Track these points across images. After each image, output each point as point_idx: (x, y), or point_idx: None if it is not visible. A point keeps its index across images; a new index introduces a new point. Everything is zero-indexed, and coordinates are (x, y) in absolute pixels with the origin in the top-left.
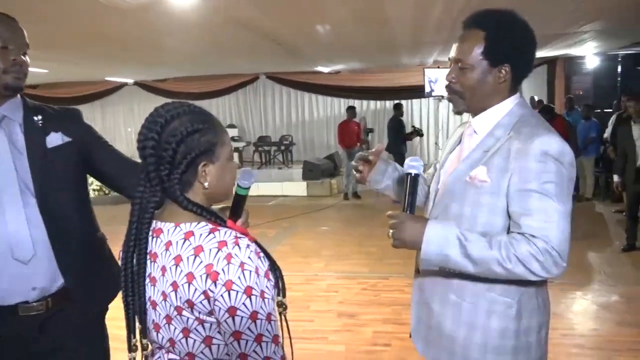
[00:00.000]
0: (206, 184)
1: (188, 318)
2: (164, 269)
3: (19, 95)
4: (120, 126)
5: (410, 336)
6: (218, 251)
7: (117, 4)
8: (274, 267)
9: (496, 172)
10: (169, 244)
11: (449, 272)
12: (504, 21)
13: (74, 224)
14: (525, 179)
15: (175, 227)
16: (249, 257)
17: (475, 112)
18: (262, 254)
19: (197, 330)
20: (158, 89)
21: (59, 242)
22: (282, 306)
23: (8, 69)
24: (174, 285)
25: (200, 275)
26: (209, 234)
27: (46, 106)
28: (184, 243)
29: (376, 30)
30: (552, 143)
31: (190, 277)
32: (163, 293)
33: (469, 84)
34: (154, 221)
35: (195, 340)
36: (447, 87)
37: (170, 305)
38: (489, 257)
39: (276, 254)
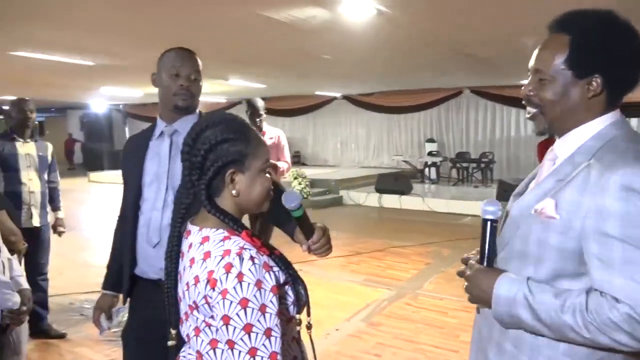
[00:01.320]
0: (234, 192)
1: (197, 318)
2: (184, 268)
3: (197, 113)
4: (329, 137)
5: None
6: (221, 259)
7: (298, 25)
8: (295, 283)
9: (567, 208)
10: (190, 245)
11: None
12: (595, 23)
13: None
14: (604, 221)
15: (199, 231)
16: (250, 270)
17: (559, 133)
18: (274, 268)
19: (205, 332)
20: (364, 103)
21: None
22: (300, 324)
23: (177, 92)
24: (187, 285)
25: (203, 280)
26: (220, 241)
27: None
28: (199, 246)
29: None
30: (638, 175)
31: (196, 279)
32: (183, 290)
33: (548, 98)
34: (188, 223)
35: (203, 341)
36: (525, 101)
37: (186, 303)
38: (561, 323)
39: (442, 275)
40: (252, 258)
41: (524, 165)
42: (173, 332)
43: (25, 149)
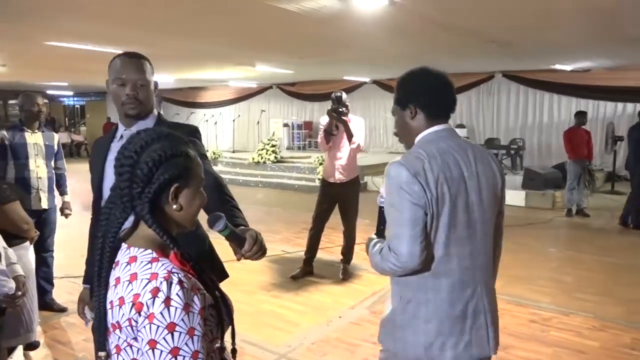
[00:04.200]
0: (175, 207)
1: (119, 337)
2: (110, 285)
3: (155, 115)
4: None
5: None
6: (148, 283)
7: (309, 14)
8: (218, 305)
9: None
10: (117, 263)
11: None
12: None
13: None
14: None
15: (127, 249)
16: (177, 294)
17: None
18: (202, 290)
19: (125, 351)
20: (393, 88)
21: None
22: (223, 350)
23: (125, 101)
24: (112, 303)
25: (129, 302)
26: (147, 263)
27: (174, 124)
28: (126, 266)
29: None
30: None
31: (121, 301)
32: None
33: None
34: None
35: (123, 359)
36: None
37: (109, 320)
38: (376, 262)
39: None
40: (180, 282)
41: (556, 153)
42: (102, 354)
43: (33, 138)
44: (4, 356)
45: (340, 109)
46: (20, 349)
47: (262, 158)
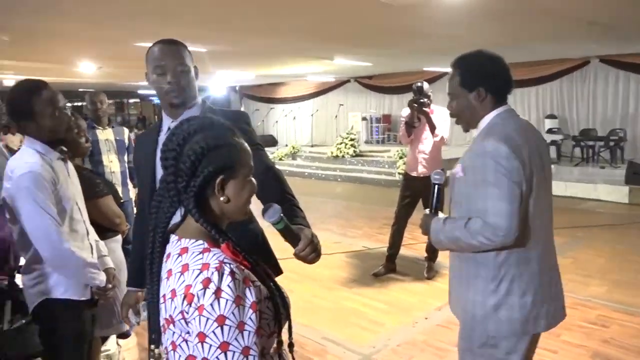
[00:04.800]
0: (222, 199)
1: (174, 332)
2: (161, 279)
3: (200, 103)
4: None
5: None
6: (199, 274)
7: (391, 3)
8: (274, 298)
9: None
10: (168, 256)
11: None
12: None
13: None
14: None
15: (178, 241)
16: (229, 286)
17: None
18: (256, 283)
19: (181, 347)
20: None
21: None
22: (281, 342)
23: (167, 90)
24: (164, 297)
25: (180, 294)
26: (199, 253)
27: (221, 110)
28: (177, 258)
29: None
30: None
31: (173, 293)
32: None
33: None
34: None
35: (180, 356)
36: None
37: (162, 316)
38: (454, 237)
39: None
40: (232, 273)
41: None
42: (156, 351)
43: (104, 135)
44: (98, 344)
45: (422, 100)
46: (113, 337)
47: (340, 152)
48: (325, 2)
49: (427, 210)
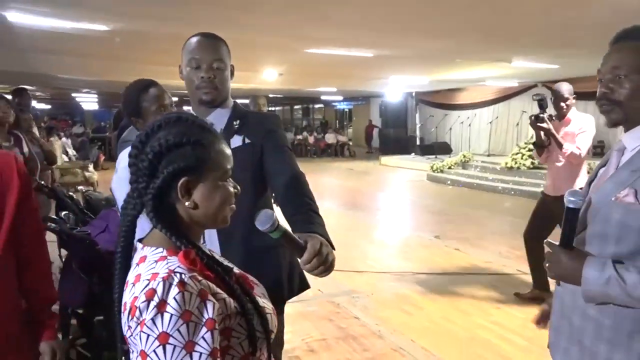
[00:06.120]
0: (187, 204)
1: (133, 350)
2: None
3: (231, 106)
4: None
5: (548, 347)
6: (147, 284)
7: None
8: (247, 315)
9: None
10: (133, 264)
11: None
12: None
13: (239, 223)
14: None
15: (141, 249)
16: (175, 298)
17: (631, 126)
18: (220, 296)
19: None
20: None
21: (224, 234)
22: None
23: (199, 85)
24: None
25: (128, 308)
26: (154, 262)
27: (252, 113)
28: (135, 267)
29: None
30: None
31: (124, 307)
32: None
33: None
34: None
35: None
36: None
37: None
38: None
39: None
40: (181, 284)
41: None
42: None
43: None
44: None
45: (541, 114)
46: None
47: (516, 163)
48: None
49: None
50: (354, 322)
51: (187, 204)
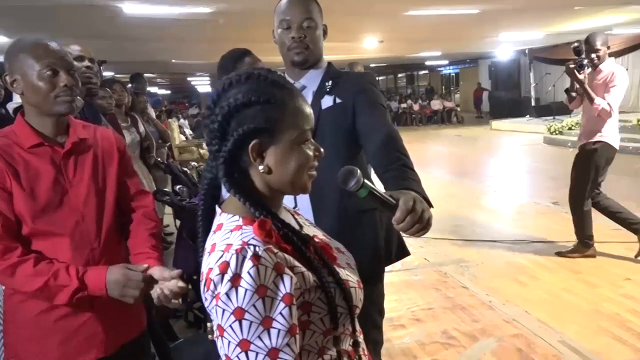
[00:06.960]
0: (261, 168)
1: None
2: None
3: (325, 66)
4: None
5: None
6: (221, 256)
7: None
8: (327, 289)
9: None
10: (211, 230)
11: None
12: None
13: (331, 187)
14: None
15: (219, 215)
16: (249, 272)
17: None
18: (298, 269)
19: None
20: None
21: (316, 198)
22: (357, 346)
23: (290, 45)
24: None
25: (203, 278)
26: (229, 231)
27: (347, 73)
28: (212, 235)
29: None
30: None
31: (202, 276)
32: None
33: None
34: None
35: (221, 347)
36: None
37: None
38: None
39: None
40: (255, 257)
41: None
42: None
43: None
44: None
45: (578, 62)
46: None
47: None
48: None
49: None
50: (463, 292)
51: (260, 168)
